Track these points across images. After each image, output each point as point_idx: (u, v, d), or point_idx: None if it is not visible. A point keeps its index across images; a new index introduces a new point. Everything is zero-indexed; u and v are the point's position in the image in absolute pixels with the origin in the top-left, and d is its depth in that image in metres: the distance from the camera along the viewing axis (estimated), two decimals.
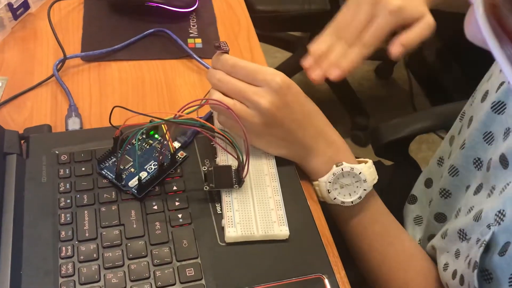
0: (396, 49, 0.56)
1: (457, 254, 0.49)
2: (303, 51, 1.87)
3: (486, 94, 0.55)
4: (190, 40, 0.72)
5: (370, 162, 0.55)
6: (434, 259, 0.56)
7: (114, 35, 0.71)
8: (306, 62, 0.59)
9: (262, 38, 0.76)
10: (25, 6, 0.72)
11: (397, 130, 0.88)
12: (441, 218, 0.61)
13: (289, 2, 1.41)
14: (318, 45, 0.59)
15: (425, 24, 0.56)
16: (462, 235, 0.49)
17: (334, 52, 0.57)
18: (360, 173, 0.53)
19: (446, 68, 1.74)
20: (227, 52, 0.54)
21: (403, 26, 0.56)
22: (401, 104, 1.82)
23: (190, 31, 0.74)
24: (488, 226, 0.44)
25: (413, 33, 0.56)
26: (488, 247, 0.44)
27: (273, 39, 1.77)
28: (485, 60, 0.64)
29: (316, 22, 1.50)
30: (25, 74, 0.66)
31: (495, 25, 0.30)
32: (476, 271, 0.43)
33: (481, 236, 0.44)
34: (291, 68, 1.72)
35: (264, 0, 1.39)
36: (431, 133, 1.61)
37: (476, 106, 0.56)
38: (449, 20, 1.66)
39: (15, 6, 0.70)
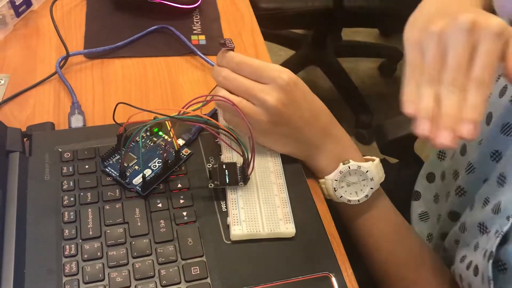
0: None
1: (476, 247, 0.48)
2: (306, 48, 1.87)
3: (505, 88, 0.54)
4: (193, 37, 0.72)
5: (377, 160, 0.54)
6: (451, 257, 0.55)
7: (117, 32, 0.71)
8: (421, 127, 0.41)
9: (265, 36, 0.75)
10: (27, 3, 0.71)
11: (403, 127, 0.87)
12: (454, 216, 0.60)
13: None
14: (419, 100, 0.42)
15: None
16: (483, 228, 0.48)
17: (449, 105, 0.41)
18: (367, 171, 0.53)
19: None
20: (232, 49, 0.54)
21: None
22: None
23: (194, 27, 0.73)
24: (508, 218, 0.43)
25: None
26: (505, 239, 0.43)
27: (276, 37, 1.77)
28: None
29: (319, 19, 1.50)
30: (28, 72, 0.65)
31: None
32: (491, 261, 0.42)
33: (500, 228, 0.44)
34: (295, 66, 1.72)
35: None
36: None
37: (495, 101, 0.54)
38: None
39: (17, 3, 0.69)
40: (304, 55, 1.73)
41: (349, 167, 0.53)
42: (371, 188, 0.53)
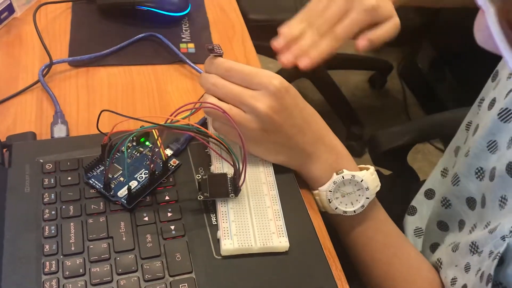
0: (362, 43, 0.57)
1: (467, 268, 0.47)
2: None
3: (493, 101, 0.54)
4: (182, 45, 0.70)
5: (372, 168, 0.53)
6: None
7: (103, 39, 0.69)
8: (277, 43, 0.58)
9: (255, 48, 0.74)
10: (10, 10, 0.69)
11: (396, 138, 0.86)
12: (443, 226, 0.59)
13: (283, 10, 1.39)
14: (290, 29, 0.58)
15: (393, 24, 0.58)
16: (474, 248, 0.47)
17: (305, 40, 0.57)
18: (362, 180, 0.51)
19: (440, 78, 1.73)
20: (221, 56, 0.52)
21: (372, 24, 0.57)
22: (395, 114, 1.81)
23: (183, 35, 0.71)
24: (503, 238, 0.42)
25: (382, 31, 0.57)
26: (502, 260, 0.42)
27: (266, 49, 1.75)
28: (478, 68, 0.63)
29: None
30: (9, 80, 0.63)
31: (509, 31, 0.29)
32: (490, 284, 0.41)
33: (495, 248, 0.42)
34: (285, 78, 1.71)
35: (257, 9, 1.38)
36: (427, 143, 1.60)
37: (483, 114, 0.55)
38: (443, 30, 1.65)
39: None
40: (294, 67, 1.72)
41: (343, 177, 0.51)
42: (367, 198, 0.51)
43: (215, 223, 0.49)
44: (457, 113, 0.65)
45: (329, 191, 0.51)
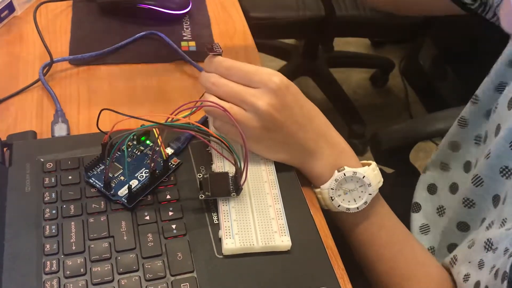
0: None
1: (480, 265, 0.46)
2: (298, 58, 1.86)
3: None
4: (183, 43, 0.70)
5: (374, 164, 0.52)
6: (448, 269, 0.53)
7: (104, 38, 0.68)
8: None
9: (256, 46, 0.73)
10: (10, 8, 0.69)
11: (398, 136, 0.86)
12: (464, 227, 0.58)
13: (284, 8, 1.39)
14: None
15: None
16: (488, 245, 0.46)
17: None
18: (364, 176, 0.51)
19: (442, 75, 1.73)
20: (220, 54, 0.52)
21: None
22: (397, 112, 1.80)
23: (184, 34, 0.71)
24: None
25: None
26: None
27: (267, 47, 1.76)
28: (479, 66, 0.63)
29: (311, 29, 1.49)
30: (10, 79, 0.62)
31: None
32: (505, 282, 0.40)
33: (510, 245, 0.42)
34: (286, 76, 1.70)
35: (258, 7, 1.37)
36: (429, 141, 1.60)
37: (503, 113, 0.53)
38: (445, 28, 1.65)
39: None
40: (295, 66, 1.72)
41: (344, 174, 0.51)
42: (370, 194, 0.51)
43: (217, 222, 0.49)
44: (459, 111, 0.65)
45: (331, 188, 0.51)
